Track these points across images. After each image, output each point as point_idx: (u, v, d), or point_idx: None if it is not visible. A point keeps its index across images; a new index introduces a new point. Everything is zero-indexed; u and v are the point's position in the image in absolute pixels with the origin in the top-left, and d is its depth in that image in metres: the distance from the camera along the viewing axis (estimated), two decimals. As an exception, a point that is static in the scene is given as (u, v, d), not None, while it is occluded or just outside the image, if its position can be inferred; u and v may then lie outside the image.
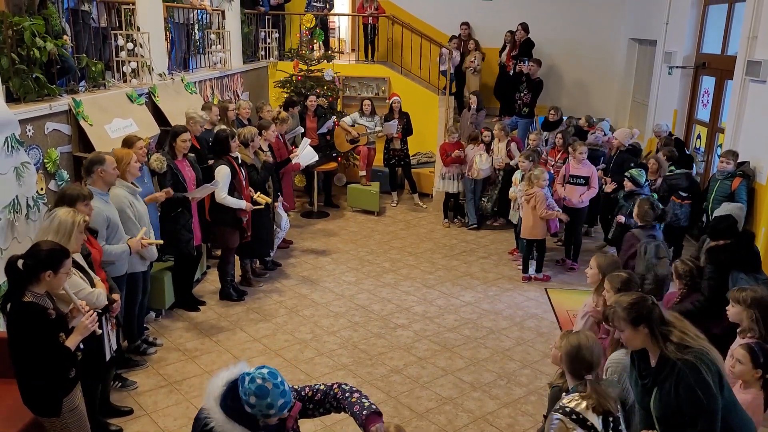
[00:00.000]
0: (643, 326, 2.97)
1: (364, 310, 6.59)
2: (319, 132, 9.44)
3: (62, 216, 3.78)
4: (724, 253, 4.56)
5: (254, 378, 2.50)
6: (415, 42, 11.49)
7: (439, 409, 4.91)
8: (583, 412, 2.85)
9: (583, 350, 3.03)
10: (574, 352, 3.04)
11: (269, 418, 2.55)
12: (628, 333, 3.01)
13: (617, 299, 3.12)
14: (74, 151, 5.67)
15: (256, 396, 2.48)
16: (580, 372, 3.04)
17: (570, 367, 3.07)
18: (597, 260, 4.37)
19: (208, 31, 9.37)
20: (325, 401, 2.86)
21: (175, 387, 5.11)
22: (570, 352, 3.06)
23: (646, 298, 3.06)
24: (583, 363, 3.03)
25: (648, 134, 10.30)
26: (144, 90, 6.96)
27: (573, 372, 3.07)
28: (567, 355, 3.07)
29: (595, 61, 12.13)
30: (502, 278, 7.53)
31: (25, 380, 3.46)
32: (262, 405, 2.48)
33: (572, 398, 2.94)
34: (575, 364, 3.04)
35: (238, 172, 6.30)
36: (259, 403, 2.48)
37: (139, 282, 5.33)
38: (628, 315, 2.99)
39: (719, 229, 4.71)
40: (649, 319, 2.96)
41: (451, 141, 8.98)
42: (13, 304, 3.32)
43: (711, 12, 9.05)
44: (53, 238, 3.66)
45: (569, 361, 3.06)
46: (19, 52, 5.14)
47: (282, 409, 2.55)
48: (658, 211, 5.52)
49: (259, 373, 2.52)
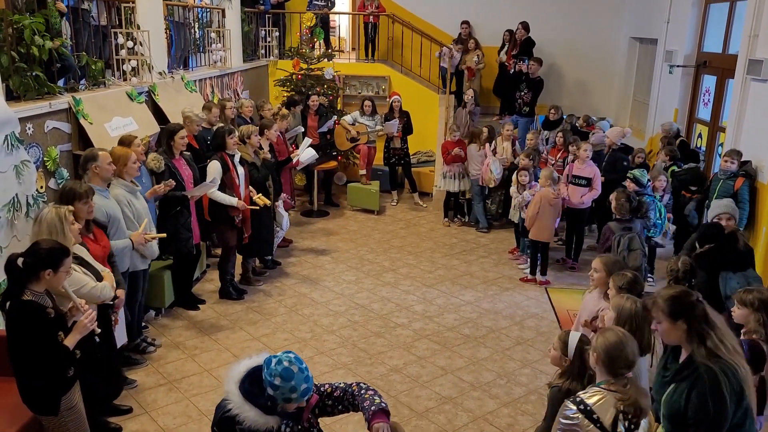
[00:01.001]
0: (682, 321, 2.89)
1: (363, 309, 6.59)
2: (319, 131, 9.43)
3: (48, 216, 3.78)
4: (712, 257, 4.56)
5: (281, 360, 2.60)
6: (415, 41, 11.48)
7: (439, 409, 4.90)
8: (593, 405, 2.82)
9: (624, 348, 2.93)
10: (616, 349, 2.92)
11: (289, 402, 2.62)
12: (665, 326, 2.93)
13: (660, 291, 3.03)
14: (74, 150, 5.67)
15: (282, 378, 2.56)
16: (619, 370, 2.92)
17: (608, 364, 2.93)
18: (601, 261, 4.34)
19: (208, 30, 9.36)
20: (343, 398, 2.89)
21: (175, 385, 5.11)
22: (611, 349, 2.93)
23: (691, 293, 2.96)
24: (625, 360, 2.92)
25: (649, 133, 10.29)
26: (144, 88, 6.96)
27: (611, 370, 2.93)
28: (607, 353, 2.93)
29: (595, 60, 12.11)
30: (502, 277, 7.53)
31: (23, 379, 3.45)
32: (285, 388, 2.56)
33: (592, 392, 2.90)
34: (616, 361, 2.91)
35: (231, 170, 6.28)
36: (283, 386, 2.56)
37: (140, 280, 5.34)
38: (669, 307, 2.91)
39: (707, 236, 4.71)
40: (689, 315, 2.88)
41: (452, 139, 8.97)
42: (12, 302, 3.31)
43: (712, 10, 9.04)
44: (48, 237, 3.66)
45: (610, 358, 2.92)
46: (19, 50, 5.13)
47: (303, 395, 2.63)
48: (634, 203, 5.55)
49: (286, 356, 2.63)
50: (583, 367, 3.40)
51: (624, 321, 3.45)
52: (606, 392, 2.90)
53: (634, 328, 3.38)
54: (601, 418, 2.81)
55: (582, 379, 3.36)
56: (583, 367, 3.40)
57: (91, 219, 4.41)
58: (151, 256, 5.33)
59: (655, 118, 10.12)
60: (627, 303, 3.49)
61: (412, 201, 10.35)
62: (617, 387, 2.89)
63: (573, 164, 7.63)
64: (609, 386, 2.92)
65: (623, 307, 3.48)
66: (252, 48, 11.09)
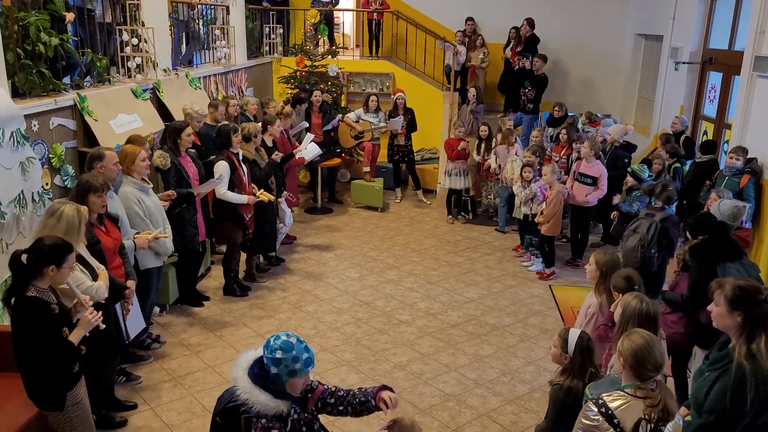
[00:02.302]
0: (739, 314, 2.86)
1: (367, 306, 6.60)
2: (324, 129, 9.43)
3: (68, 213, 3.80)
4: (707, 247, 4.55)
5: (279, 336, 2.68)
6: (419, 38, 11.46)
7: (442, 406, 4.91)
8: (615, 409, 2.79)
9: (651, 350, 2.85)
10: (644, 352, 2.84)
11: (294, 376, 2.64)
12: (721, 310, 2.90)
13: (731, 279, 3.01)
14: (79, 146, 5.68)
15: (282, 350, 2.61)
16: (647, 373, 2.84)
17: (636, 367, 2.85)
18: (596, 257, 4.35)
19: (212, 27, 9.36)
20: (345, 398, 2.93)
21: (179, 381, 5.13)
22: (638, 352, 2.84)
23: (761, 290, 2.91)
24: (653, 363, 2.84)
25: (654, 130, 10.26)
26: (149, 85, 6.96)
27: (638, 373, 2.85)
28: (634, 356, 2.84)
29: (600, 56, 12.06)
30: (506, 274, 7.52)
31: (28, 374, 3.47)
32: (288, 359, 2.61)
33: (617, 395, 2.84)
34: (644, 364, 2.83)
35: (237, 168, 6.29)
36: (285, 357, 2.60)
37: (154, 278, 5.34)
38: (733, 295, 2.87)
39: (700, 226, 4.70)
40: (748, 310, 2.85)
41: (457, 136, 8.96)
42: (16, 298, 3.33)
43: (718, 7, 9.00)
44: (62, 236, 3.69)
45: (637, 361, 2.84)
46: (24, 47, 5.14)
47: (307, 365, 2.66)
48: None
49: (284, 333, 2.70)
50: (584, 365, 3.40)
51: (627, 318, 3.44)
52: (631, 398, 2.83)
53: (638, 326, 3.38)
54: (621, 423, 2.77)
55: (583, 377, 3.36)
56: (584, 365, 3.39)
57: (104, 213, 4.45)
58: (165, 254, 5.33)
59: (661, 115, 10.09)
60: (633, 301, 3.47)
61: (416, 198, 10.35)
62: (645, 392, 2.82)
63: (580, 162, 7.59)
64: (635, 392, 2.85)
65: (628, 305, 3.47)
66: (256, 45, 11.09)
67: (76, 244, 3.84)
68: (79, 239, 3.84)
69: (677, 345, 4.53)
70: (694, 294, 4.40)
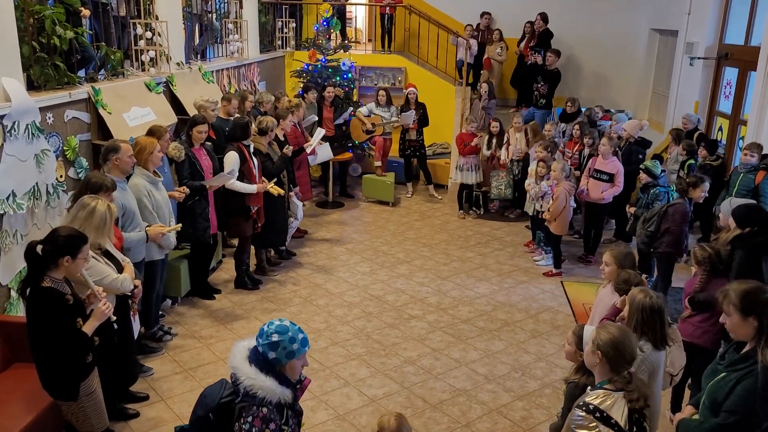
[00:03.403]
0: (754, 318, 2.83)
1: (378, 300, 6.60)
2: (335, 123, 9.43)
3: (101, 210, 3.86)
4: (756, 239, 4.48)
5: (272, 322, 2.65)
6: (432, 32, 11.41)
7: (453, 401, 4.91)
8: (607, 409, 2.77)
9: (627, 342, 2.87)
10: (619, 345, 2.85)
11: (293, 358, 2.62)
12: (735, 320, 2.88)
13: (733, 284, 2.98)
14: (93, 139, 5.72)
15: (278, 333, 2.59)
16: (621, 366, 2.86)
17: (612, 360, 2.86)
18: (611, 255, 4.32)
19: (225, 21, 9.39)
20: None
21: (191, 374, 5.16)
22: (614, 344, 2.86)
23: (765, 290, 2.90)
24: (627, 356, 2.87)
25: (668, 126, 10.17)
26: (162, 79, 7.00)
27: (614, 366, 2.87)
28: (611, 348, 2.85)
29: (614, 51, 11.97)
30: (518, 270, 7.50)
31: (43, 364, 3.51)
32: (285, 341, 2.59)
33: (597, 394, 2.84)
34: (618, 357, 2.85)
35: (248, 160, 6.31)
36: (282, 339, 2.58)
37: (158, 270, 5.37)
38: (741, 302, 2.84)
39: (750, 217, 4.63)
40: (761, 312, 2.82)
41: (468, 131, 8.93)
42: (32, 289, 3.36)
43: (734, 1, 8.90)
44: (93, 231, 3.74)
45: (613, 353, 2.85)
46: (40, 40, 5.18)
47: (304, 345, 2.65)
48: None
49: (277, 319, 2.69)
50: None
51: (632, 313, 3.42)
52: (613, 393, 2.82)
53: (641, 320, 3.36)
54: (616, 420, 2.75)
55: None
56: None
57: None
58: (168, 247, 5.36)
59: (675, 110, 10.00)
60: (639, 295, 3.45)
61: (427, 193, 10.33)
62: (622, 384, 2.83)
63: (596, 158, 7.52)
64: (614, 385, 2.85)
65: (634, 299, 3.45)
66: (269, 39, 11.10)
67: (104, 239, 3.91)
68: (108, 235, 3.92)
69: (705, 344, 4.37)
70: None
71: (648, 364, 3.30)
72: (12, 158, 4.57)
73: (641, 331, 3.35)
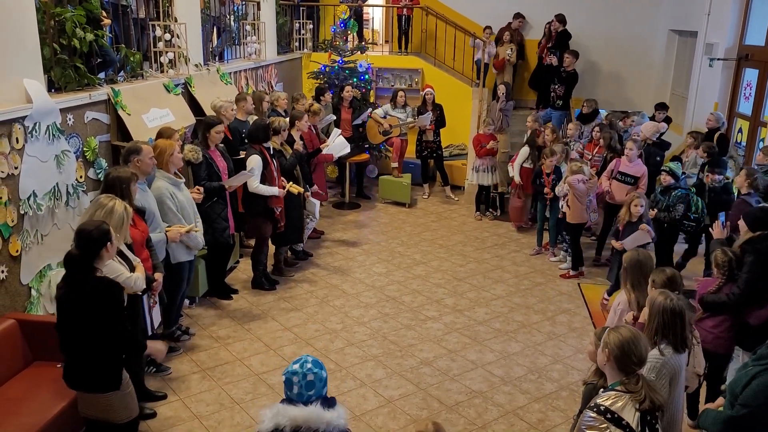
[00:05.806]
0: None
1: (394, 301, 6.60)
2: (353, 123, 9.45)
3: (119, 210, 3.89)
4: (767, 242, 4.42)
5: (292, 366, 2.64)
6: (449, 33, 11.40)
7: (469, 402, 4.90)
8: (618, 411, 2.76)
9: (635, 344, 2.88)
10: (628, 346, 2.87)
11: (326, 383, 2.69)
12: None
13: None
14: (112, 140, 5.78)
15: (313, 369, 2.63)
16: (630, 367, 2.87)
17: (620, 361, 2.88)
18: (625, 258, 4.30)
19: (243, 22, 9.44)
20: None
21: (208, 373, 5.19)
22: (623, 346, 2.88)
23: None
24: (636, 357, 2.88)
25: (687, 128, 10.06)
26: (180, 80, 7.05)
27: (622, 367, 2.89)
28: (619, 349, 2.88)
29: (633, 52, 11.86)
30: (534, 272, 7.46)
31: (91, 358, 3.47)
32: (319, 372, 2.64)
33: (609, 396, 2.84)
34: (627, 358, 2.87)
35: (270, 162, 6.34)
36: (316, 371, 2.63)
37: (185, 271, 5.40)
38: None
39: (758, 219, 4.57)
40: None
41: (485, 132, 8.90)
42: (89, 282, 3.39)
43: (755, 2, 8.77)
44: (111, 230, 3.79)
45: (621, 354, 2.87)
46: (60, 42, 5.24)
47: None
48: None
49: (291, 364, 2.66)
50: None
51: (653, 315, 3.38)
52: (623, 394, 2.82)
53: (662, 323, 3.32)
54: (627, 421, 2.74)
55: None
56: None
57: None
58: (196, 248, 5.38)
59: (694, 112, 9.89)
60: (660, 297, 3.41)
61: (444, 194, 10.32)
62: (631, 386, 2.83)
63: (620, 160, 7.41)
64: (625, 387, 2.85)
65: (654, 301, 3.42)
66: (286, 40, 11.15)
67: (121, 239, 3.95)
68: (125, 234, 3.97)
69: (717, 349, 4.33)
70: (747, 290, 4.25)
71: (669, 368, 3.26)
72: (33, 159, 4.63)
73: (662, 333, 3.31)
